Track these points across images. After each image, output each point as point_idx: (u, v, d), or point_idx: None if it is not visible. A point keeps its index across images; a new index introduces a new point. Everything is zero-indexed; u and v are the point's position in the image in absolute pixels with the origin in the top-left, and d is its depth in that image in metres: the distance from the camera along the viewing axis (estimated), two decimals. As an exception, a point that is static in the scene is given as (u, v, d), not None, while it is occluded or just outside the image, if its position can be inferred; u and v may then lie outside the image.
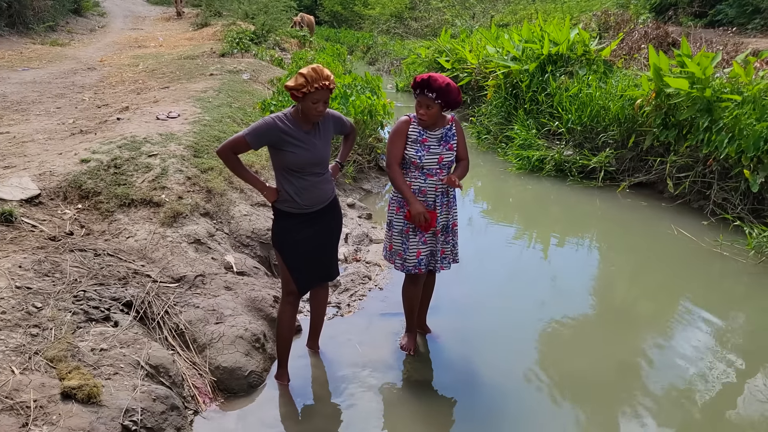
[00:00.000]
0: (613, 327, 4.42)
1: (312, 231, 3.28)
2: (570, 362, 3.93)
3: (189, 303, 3.74)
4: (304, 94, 2.97)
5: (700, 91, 6.36)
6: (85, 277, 3.67)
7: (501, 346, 4.07)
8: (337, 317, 4.27)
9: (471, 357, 3.93)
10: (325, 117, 3.23)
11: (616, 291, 5.12)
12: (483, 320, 4.38)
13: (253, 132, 3.06)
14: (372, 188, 7.32)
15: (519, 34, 10.52)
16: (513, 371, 3.78)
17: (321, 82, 2.95)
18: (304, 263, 3.34)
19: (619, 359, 3.98)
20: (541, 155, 7.93)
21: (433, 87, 3.27)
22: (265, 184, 3.23)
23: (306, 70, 2.96)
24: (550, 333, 4.27)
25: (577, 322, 4.48)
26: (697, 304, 4.75)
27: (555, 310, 4.55)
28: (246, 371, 3.39)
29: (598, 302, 4.83)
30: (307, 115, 3.07)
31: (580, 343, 4.21)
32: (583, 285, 5.08)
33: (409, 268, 3.55)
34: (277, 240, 3.31)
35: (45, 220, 4.23)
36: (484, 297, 4.74)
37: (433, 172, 3.43)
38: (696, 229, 6.00)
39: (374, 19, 28.35)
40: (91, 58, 13.19)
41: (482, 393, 3.58)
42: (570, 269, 5.39)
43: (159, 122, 6.05)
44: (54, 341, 3.06)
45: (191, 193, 4.77)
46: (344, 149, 3.57)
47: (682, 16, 14.45)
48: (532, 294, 4.83)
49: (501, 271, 5.33)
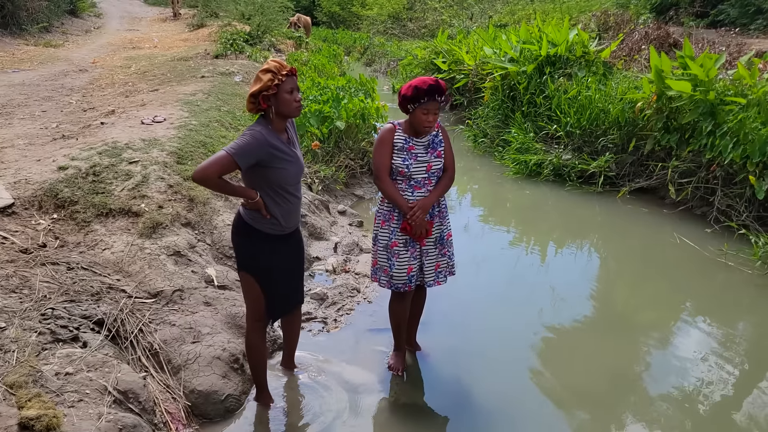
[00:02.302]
0: (612, 340, 4.23)
1: (286, 252, 3.08)
2: (568, 379, 3.73)
3: (165, 320, 3.54)
4: (277, 87, 2.73)
5: (703, 94, 6.17)
6: (56, 293, 3.47)
7: (495, 364, 3.86)
8: (323, 333, 4.07)
9: (463, 377, 3.72)
10: (291, 123, 3.03)
11: (615, 301, 4.93)
12: (476, 335, 4.17)
13: (240, 150, 2.70)
14: (364, 194, 7.12)
15: (517, 34, 10.33)
16: (508, 392, 3.58)
17: (286, 69, 2.75)
18: (279, 287, 3.12)
19: (619, 374, 3.79)
20: (538, 159, 7.73)
21: (444, 91, 3.08)
22: (247, 189, 2.88)
23: (267, 66, 2.75)
24: (547, 348, 4.07)
25: (575, 336, 4.28)
26: (700, 315, 4.56)
27: (552, 322, 4.36)
28: (222, 395, 3.19)
29: (597, 313, 4.63)
30: (287, 110, 2.80)
31: (579, 359, 4.01)
32: (581, 295, 4.87)
33: (397, 286, 3.34)
34: (253, 264, 3.00)
35: (17, 232, 4.03)
36: (478, 309, 4.54)
37: (421, 183, 3.23)
38: (699, 237, 5.81)
39: (372, 19, 28.19)
40: (84, 59, 12.99)
41: (475, 417, 3.37)
42: (568, 278, 5.20)
43: (143, 127, 5.85)
44: (15, 365, 2.86)
45: (172, 202, 4.57)
46: None
47: (683, 17, 14.25)
48: (528, 305, 4.63)
49: (496, 281, 5.13)
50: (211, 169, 2.68)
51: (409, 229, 3.22)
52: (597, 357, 4.03)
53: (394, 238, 3.29)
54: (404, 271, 3.30)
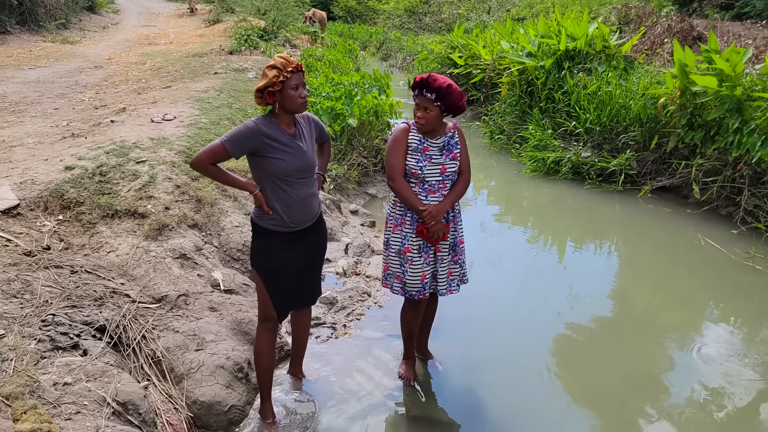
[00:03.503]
0: (634, 344, 4.05)
1: (296, 252, 2.97)
2: (589, 387, 3.57)
3: (169, 327, 3.44)
4: (282, 84, 2.71)
5: (730, 90, 5.92)
6: (57, 298, 3.39)
7: (512, 372, 3.70)
8: (331, 339, 3.94)
9: (478, 387, 3.57)
10: (307, 119, 2.99)
11: (637, 304, 4.73)
12: (491, 341, 4.02)
13: (232, 138, 2.75)
14: (377, 192, 6.98)
15: (535, 28, 10.10)
16: (525, 402, 3.43)
17: (291, 65, 2.73)
18: (286, 287, 3.03)
19: (640, 381, 3.63)
20: (557, 157, 7.52)
21: (433, 87, 2.94)
22: (247, 183, 2.91)
23: (273, 63, 2.74)
24: (565, 353, 3.91)
25: (594, 340, 4.11)
26: (726, 319, 4.38)
27: (571, 326, 4.20)
28: (226, 406, 3.08)
29: (617, 317, 4.45)
30: (291, 106, 2.77)
31: (599, 366, 3.84)
32: (600, 298, 4.69)
33: (411, 293, 3.20)
34: (257, 261, 2.99)
35: (22, 234, 3.95)
36: (493, 313, 4.38)
37: (435, 187, 3.09)
38: (724, 239, 5.58)
39: (388, 14, 27.99)
40: (100, 56, 13.00)
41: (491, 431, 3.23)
42: (587, 279, 5.02)
43: (153, 125, 5.77)
44: (13, 374, 2.77)
45: (179, 203, 4.47)
46: (322, 160, 3.25)
47: (707, 9, 13.87)
48: (545, 309, 4.47)
49: (512, 282, 4.96)
50: (203, 156, 2.76)
51: (426, 233, 3.09)
52: (618, 362, 3.86)
53: (407, 244, 3.15)
54: (418, 278, 3.16)
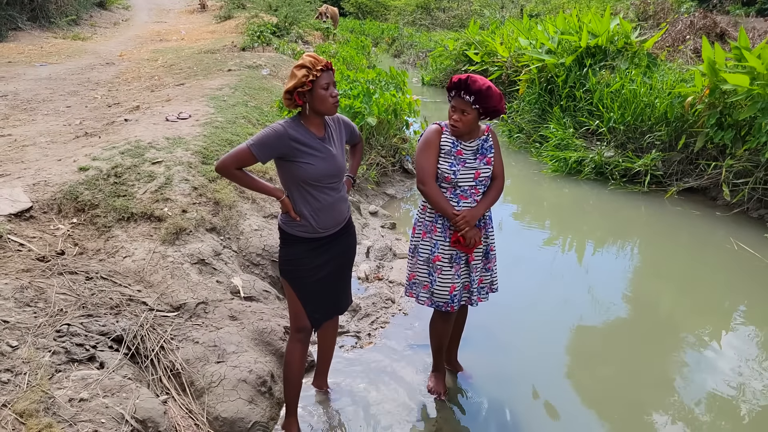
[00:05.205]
0: (665, 351, 3.87)
1: (326, 258, 2.83)
2: (624, 396, 3.40)
3: (188, 337, 3.30)
4: (312, 83, 2.58)
5: (762, 88, 5.71)
6: (73, 307, 3.25)
7: (546, 385, 3.52)
8: (356, 349, 3.78)
9: (510, 401, 3.39)
10: (337, 121, 2.85)
11: (665, 310, 4.53)
12: (522, 351, 3.85)
13: (259, 142, 2.62)
14: (396, 193, 6.82)
15: (554, 24, 9.88)
16: (559, 417, 3.26)
17: (321, 64, 2.59)
18: (318, 295, 2.89)
19: (672, 387, 3.44)
20: (579, 157, 7.33)
21: (472, 89, 2.77)
22: (274, 189, 2.78)
23: (301, 62, 2.60)
24: (599, 363, 3.76)
25: (625, 347, 3.95)
26: (758, 325, 4.18)
27: (603, 334, 4.05)
28: (249, 422, 2.93)
29: (648, 323, 4.25)
30: (322, 107, 2.64)
31: (638, 376, 3.65)
32: (629, 303, 4.52)
33: (439, 305, 3.04)
34: (287, 269, 2.85)
35: (35, 238, 3.82)
36: (522, 321, 4.21)
37: (468, 192, 2.92)
38: (756, 242, 5.39)
39: (400, 9, 27.77)
40: (111, 52, 12.89)
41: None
42: (613, 284, 4.86)
43: (168, 124, 5.62)
44: (27, 390, 2.64)
45: (197, 206, 4.32)
46: (354, 162, 3.12)
47: (728, 4, 13.58)
48: (573, 314, 4.31)
49: (537, 288, 4.77)
50: (228, 160, 2.65)
51: (462, 242, 2.92)
52: (649, 370, 3.68)
53: (437, 252, 2.99)
54: (447, 288, 3.00)
